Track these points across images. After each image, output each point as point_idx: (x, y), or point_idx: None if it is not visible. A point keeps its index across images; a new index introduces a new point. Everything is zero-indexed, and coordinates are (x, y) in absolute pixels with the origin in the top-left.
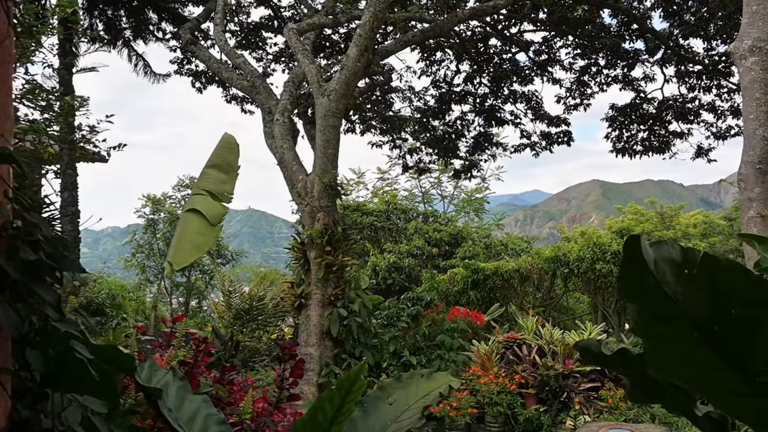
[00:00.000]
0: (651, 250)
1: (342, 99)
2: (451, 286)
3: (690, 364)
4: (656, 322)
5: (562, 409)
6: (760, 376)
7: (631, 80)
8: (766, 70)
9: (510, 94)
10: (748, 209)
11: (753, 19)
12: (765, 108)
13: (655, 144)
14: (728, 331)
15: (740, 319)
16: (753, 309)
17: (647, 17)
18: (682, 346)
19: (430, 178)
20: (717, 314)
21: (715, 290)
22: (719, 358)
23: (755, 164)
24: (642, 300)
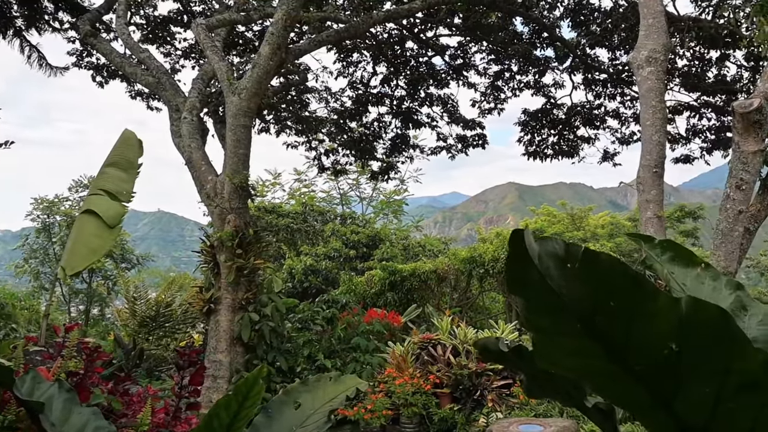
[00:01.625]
0: (535, 245)
1: (254, 98)
2: (369, 288)
3: (574, 355)
4: (542, 315)
5: (476, 407)
6: (637, 364)
7: (541, 86)
8: (660, 79)
9: (426, 96)
10: (646, 210)
11: (649, 31)
12: (660, 115)
13: (565, 148)
14: (608, 322)
15: (618, 311)
16: (630, 301)
17: (557, 26)
18: (566, 338)
19: (348, 180)
20: (597, 307)
21: (595, 284)
22: (600, 349)
23: (652, 168)
24: (528, 294)
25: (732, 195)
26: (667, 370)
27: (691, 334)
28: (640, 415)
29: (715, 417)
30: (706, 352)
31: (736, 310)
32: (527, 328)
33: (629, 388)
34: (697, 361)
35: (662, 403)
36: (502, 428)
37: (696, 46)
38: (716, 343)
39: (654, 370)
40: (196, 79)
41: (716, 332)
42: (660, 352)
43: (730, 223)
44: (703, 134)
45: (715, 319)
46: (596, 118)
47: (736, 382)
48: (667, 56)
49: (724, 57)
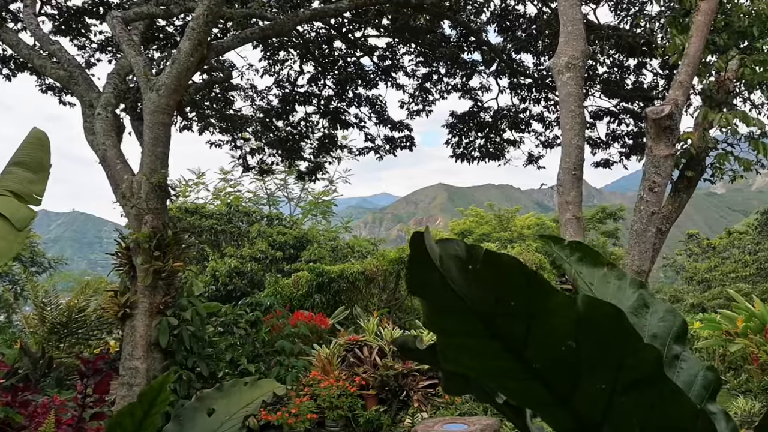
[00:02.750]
0: (436, 247)
1: (173, 95)
2: (296, 290)
3: (477, 355)
4: (444, 316)
5: (402, 408)
6: (535, 362)
7: (469, 89)
8: (579, 85)
9: (355, 97)
10: (566, 212)
11: (568, 38)
12: (579, 120)
13: (492, 150)
14: (508, 322)
15: (518, 311)
16: (528, 301)
17: (483, 31)
18: (469, 339)
19: (275, 180)
20: (498, 307)
21: (496, 284)
22: (502, 348)
23: (571, 171)
24: (430, 295)
25: (645, 197)
26: (565, 368)
27: (587, 332)
28: (541, 411)
29: (610, 412)
30: (601, 350)
31: (638, 307)
32: (431, 329)
33: (530, 386)
34: (593, 358)
35: (561, 400)
36: (427, 428)
37: (615, 54)
38: (611, 340)
39: (552, 368)
40: (112, 74)
41: (611, 330)
42: (558, 349)
43: (644, 224)
44: (621, 139)
45: (609, 317)
46: (521, 121)
47: (629, 378)
48: (586, 62)
49: (642, 65)
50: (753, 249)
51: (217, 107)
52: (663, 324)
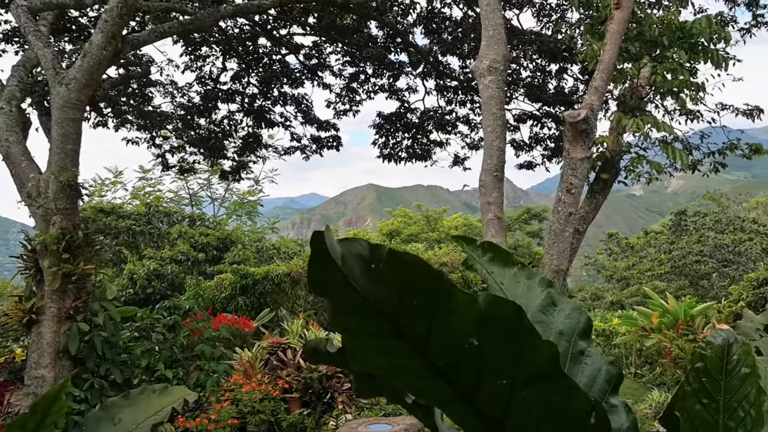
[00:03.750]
0: (338, 246)
1: (84, 89)
2: (219, 292)
3: (383, 354)
4: (348, 315)
5: (326, 410)
6: (439, 360)
7: (396, 90)
8: (501, 88)
9: (280, 95)
10: (487, 212)
11: (490, 42)
12: (501, 122)
13: (418, 151)
14: (411, 321)
15: (421, 310)
16: (431, 300)
17: (410, 33)
18: (374, 338)
19: (198, 179)
20: (401, 306)
21: (399, 284)
22: (406, 347)
23: (493, 172)
24: (332, 295)
25: (563, 198)
26: (467, 365)
27: (488, 330)
28: (446, 409)
29: (511, 407)
30: (502, 346)
31: (546, 306)
32: (335, 329)
33: (434, 384)
34: (494, 355)
35: (464, 396)
36: (351, 429)
37: (538, 59)
38: (511, 337)
39: (456, 365)
40: (17, 66)
41: (511, 327)
42: (461, 347)
43: (562, 224)
44: (544, 142)
45: (509, 315)
46: (448, 123)
47: (528, 374)
48: (507, 66)
49: (563, 70)
50: (668, 248)
51: (135, 103)
52: (569, 321)
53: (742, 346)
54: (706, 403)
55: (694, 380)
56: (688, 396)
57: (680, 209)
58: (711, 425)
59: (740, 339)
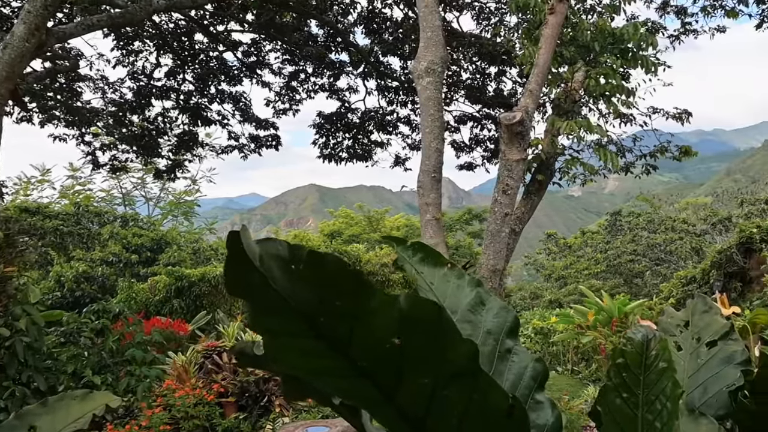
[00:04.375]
0: (256, 246)
1: (5, 83)
2: (152, 295)
3: (304, 355)
4: (267, 317)
5: (263, 414)
6: (361, 360)
7: (336, 90)
8: (439, 89)
9: (217, 93)
10: (426, 213)
11: (428, 44)
12: (438, 123)
13: (359, 152)
14: (333, 322)
15: (342, 311)
16: (352, 300)
17: (351, 32)
18: (294, 339)
19: (132, 179)
20: (322, 307)
21: (319, 285)
22: (327, 348)
23: (431, 173)
24: (251, 296)
25: (499, 199)
26: (389, 365)
27: (409, 329)
28: (370, 409)
29: (433, 406)
30: (423, 345)
31: (475, 305)
32: (255, 330)
33: (357, 384)
34: (416, 354)
35: (387, 397)
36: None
37: (478, 62)
38: (432, 336)
39: (378, 365)
40: None
41: (432, 326)
42: (382, 347)
43: (498, 225)
44: (484, 143)
45: (430, 314)
46: (389, 123)
47: (449, 372)
48: (445, 68)
49: (502, 73)
50: (604, 248)
51: (62, 98)
52: (497, 320)
53: (660, 341)
54: (626, 397)
55: (615, 375)
56: (609, 390)
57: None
58: (630, 419)
59: (658, 335)
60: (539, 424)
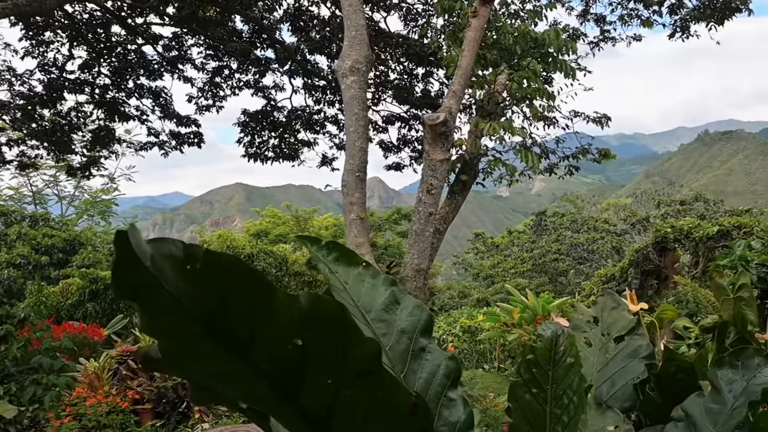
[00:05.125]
0: (147, 246)
1: None
2: (64, 298)
3: (200, 359)
4: (160, 319)
5: (182, 420)
6: (262, 362)
7: (262, 87)
8: (363, 89)
9: (136, 87)
10: (350, 212)
11: (352, 43)
12: (363, 122)
13: (286, 151)
14: (231, 323)
15: (241, 311)
16: (251, 301)
17: (276, 29)
18: (189, 342)
19: (44, 176)
20: (219, 308)
21: (216, 285)
22: (225, 350)
23: (355, 172)
24: (141, 298)
25: (423, 198)
26: (291, 366)
27: (311, 329)
28: (272, 412)
29: (336, 407)
30: (326, 345)
31: (390, 304)
32: (147, 333)
33: (257, 387)
34: (318, 354)
35: (289, 399)
36: None
37: (405, 62)
38: (334, 335)
39: (279, 367)
40: None
41: (334, 325)
42: (283, 348)
43: (422, 224)
44: (412, 144)
45: (332, 313)
46: (316, 122)
47: (353, 371)
48: (369, 67)
49: (429, 74)
50: (530, 247)
51: None
52: (411, 319)
53: (568, 337)
54: (535, 392)
55: (525, 371)
56: (519, 387)
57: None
58: (539, 413)
59: (567, 331)
60: (451, 422)
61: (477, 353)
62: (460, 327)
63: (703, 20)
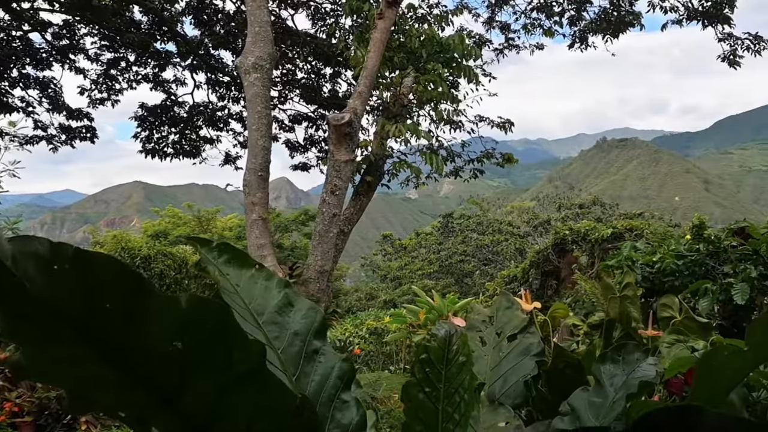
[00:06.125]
0: (8, 245)
1: None
2: None
3: (69, 363)
4: (24, 323)
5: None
6: (138, 367)
7: (162, 81)
8: (266, 86)
9: (21, 77)
10: (252, 213)
11: (255, 39)
12: (266, 120)
13: (187, 148)
14: (104, 326)
15: (115, 314)
16: (127, 302)
17: (178, 22)
18: (57, 346)
19: None
20: (91, 309)
21: (88, 285)
22: (98, 355)
23: (257, 171)
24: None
25: (327, 199)
26: (171, 370)
27: (193, 331)
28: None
29: (220, 409)
30: (207, 348)
31: (283, 306)
32: (8, 338)
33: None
34: (201, 357)
35: (167, 403)
36: None
37: (313, 61)
38: (218, 337)
39: (158, 372)
40: None
41: (217, 327)
42: (162, 352)
43: (326, 225)
44: (319, 144)
45: (215, 315)
46: (219, 119)
47: (237, 373)
48: (273, 65)
49: (337, 74)
50: (437, 248)
51: None
52: (305, 321)
53: (461, 336)
54: (428, 391)
55: (418, 371)
56: (412, 386)
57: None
58: (432, 412)
59: (460, 330)
60: (344, 424)
61: (383, 355)
62: (367, 329)
63: (600, 32)
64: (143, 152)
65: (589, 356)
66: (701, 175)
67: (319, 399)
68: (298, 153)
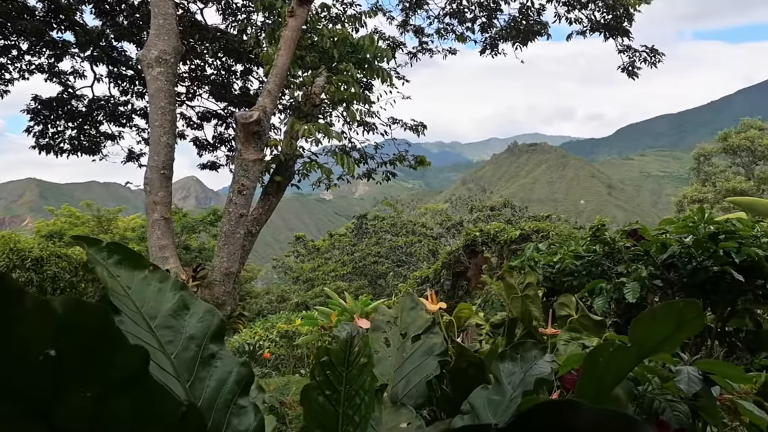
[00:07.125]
0: None
1: None
2: None
3: None
4: None
5: None
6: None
7: (58, 72)
8: (171, 81)
9: None
10: (153, 212)
11: (159, 32)
12: (170, 117)
13: (85, 144)
14: None
15: None
16: None
17: (77, 10)
18: None
19: None
20: None
21: None
22: None
23: (160, 169)
24: None
25: (234, 199)
26: (45, 378)
27: (70, 336)
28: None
29: (100, 418)
30: (87, 354)
31: (178, 309)
32: None
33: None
34: (79, 364)
35: (40, 415)
36: None
37: (223, 57)
38: (98, 342)
39: (29, 382)
40: None
41: (97, 332)
42: (35, 359)
43: (233, 226)
44: (228, 143)
45: (93, 319)
46: (122, 114)
47: (116, 381)
48: (178, 59)
49: (248, 71)
50: (350, 250)
51: None
52: (201, 324)
53: (363, 338)
54: (329, 394)
55: (319, 374)
56: (312, 389)
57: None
58: (332, 415)
59: (362, 332)
60: (240, 430)
61: (294, 358)
62: (278, 332)
63: (510, 40)
64: (36, 147)
65: (491, 355)
66: (605, 179)
67: (214, 405)
68: (207, 151)
